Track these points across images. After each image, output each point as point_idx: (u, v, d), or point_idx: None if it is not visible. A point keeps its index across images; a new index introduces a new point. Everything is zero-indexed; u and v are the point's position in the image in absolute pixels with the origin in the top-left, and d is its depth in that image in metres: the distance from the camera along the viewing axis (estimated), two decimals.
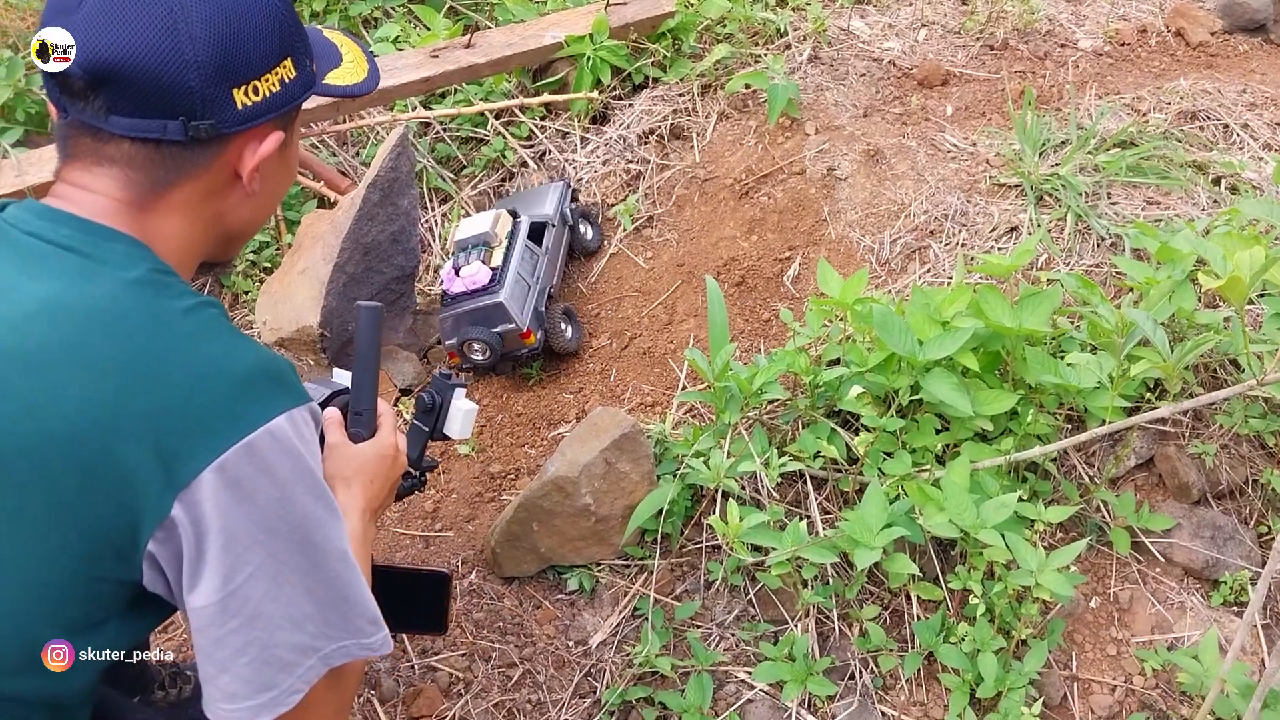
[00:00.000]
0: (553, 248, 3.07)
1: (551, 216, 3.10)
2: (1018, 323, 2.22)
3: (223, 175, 1.32)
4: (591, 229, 3.27)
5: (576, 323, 3.04)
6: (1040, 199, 2.93)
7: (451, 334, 2.87)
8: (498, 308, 2.79)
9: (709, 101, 3.48)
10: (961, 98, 3.49)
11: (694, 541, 2.42)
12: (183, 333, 1.19)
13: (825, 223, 2.98)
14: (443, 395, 2.10)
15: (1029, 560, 2.04)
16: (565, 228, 3.15)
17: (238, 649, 1.21)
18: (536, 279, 2.95)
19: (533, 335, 2.84)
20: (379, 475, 1.64)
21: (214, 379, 1.17)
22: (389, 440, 1.68)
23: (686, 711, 2.13)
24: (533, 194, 3.24)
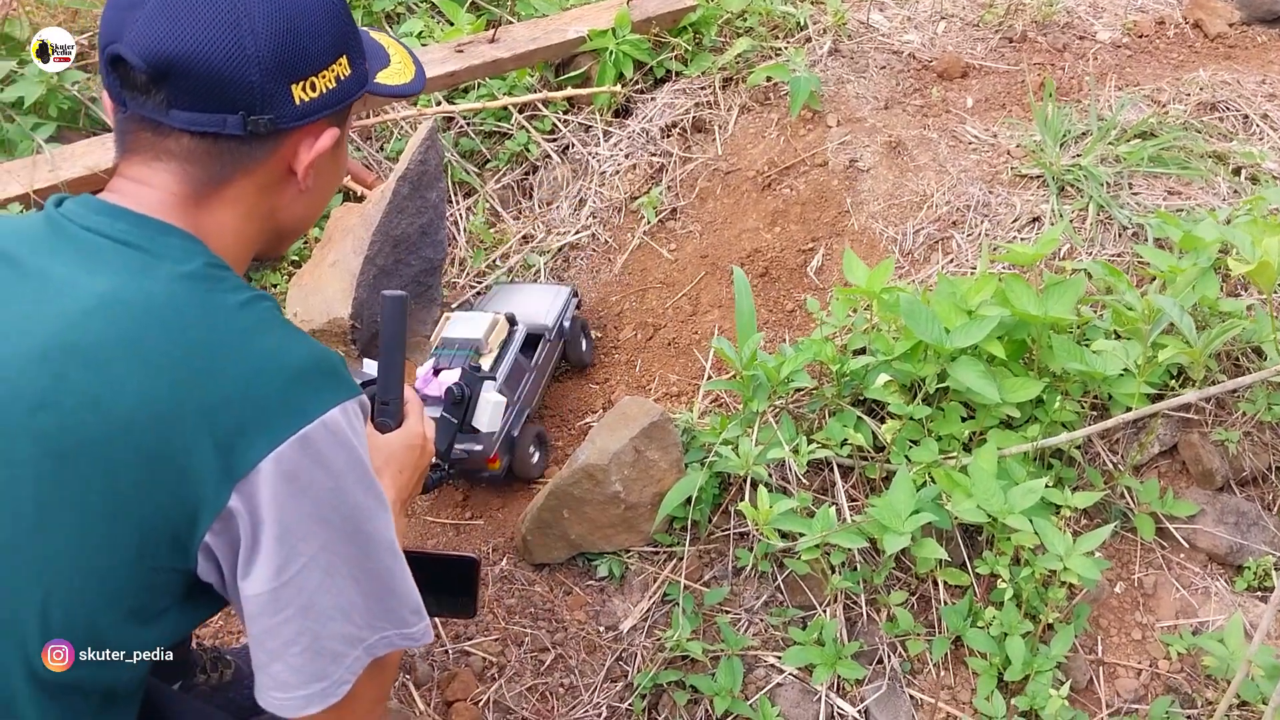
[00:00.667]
0: (544, 363, 2.82)
1: (551, 328, 2.86)
2: (1043, 311, 2.24)
3: (278, 171, 1.33)
4: (587, 342, 3.03)
5: (546, 448, 2.77)
6: (1062, 189, 2.95)
7: None
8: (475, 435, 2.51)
9: (730, 94, 3.51)
10: (981, 90, 3.51)
11: (722, 528, 2.45)
12: (238, 327, 1.21)
13: (848, 214, 3.00)
14: (472, 388, 2.11)
15: (1057, 545, 2.06)
16: (561, 342, 2.92)
17: (290, 638, 1.23)
18: (518, 399, 2.67)
19: (498, 462, 2.55)
20: (407, 465, 1.65)
21: (269, 373, 1.19)
22: (417, 429, 1.68)
23: (718, 694, 2.16)
24: (535, 293, 2.99)
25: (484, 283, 3.31)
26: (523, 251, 3.36)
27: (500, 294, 3.05)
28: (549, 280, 3.29)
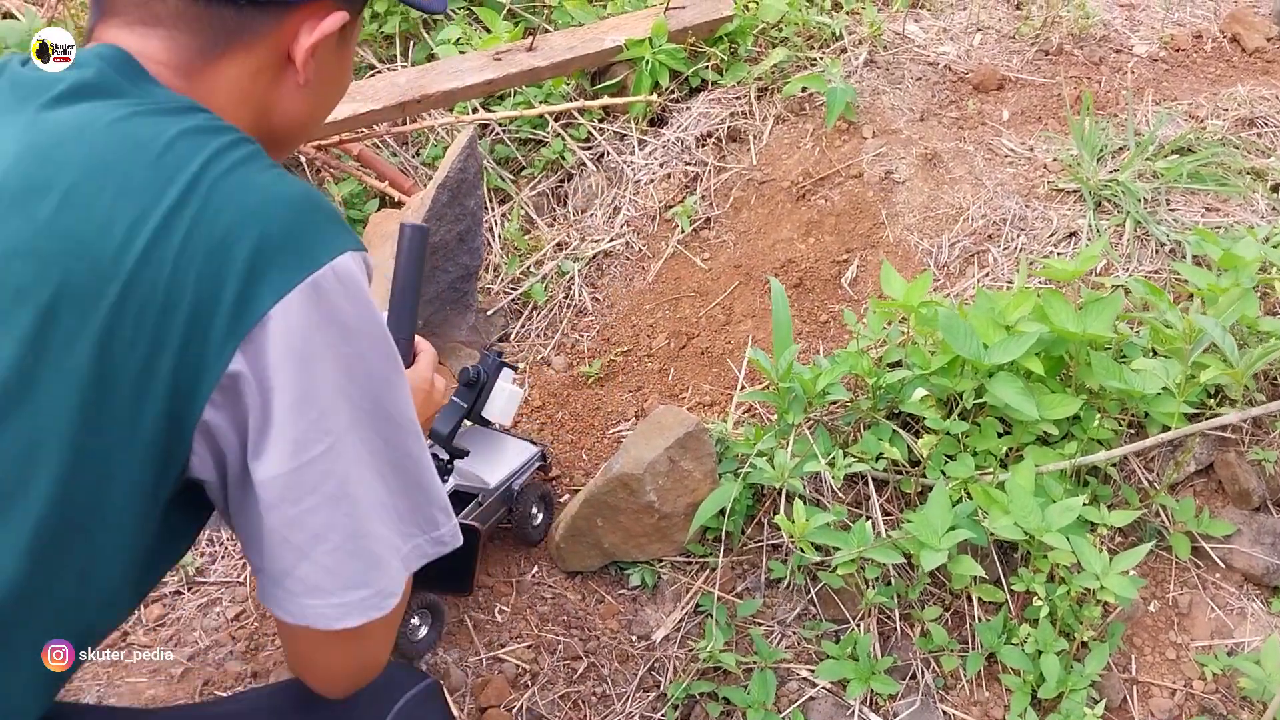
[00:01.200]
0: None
1: (491, 489, 2.40)
2: (1082, 328, 2.24)
3: (275, 55, 1.16)
4: (544, 515, 2.57)
5: (439, 621, 2.30)
6: (1099, 205, 2.95)
7: None
8: None
9: (766, 104, 3.52)
10: (1017, 103, 3.51)
11: (755, 540, 2.46)
12: (231, 160, 1.03)
13: (883, 225, 3.00)
14: (489, 373, 1.91)
15: (1093, 563, 2.06)
16: (505, 507, 2.46)
17: (317, 532, 1.05)
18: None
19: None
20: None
21: (272, 205, 1.01)
22: (425, 374, 1.55)
23: (750, 707, 2.16)
24: (493, 442, 2.55)
25: (518, 289, 3.33)
26: (556, 259, 3.38)
27: (466, 435, 2.58)
28: (582, 288, 3.30)
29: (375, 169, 3.46)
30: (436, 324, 3.07)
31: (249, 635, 2.45)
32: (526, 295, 3.31)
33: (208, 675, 2.32)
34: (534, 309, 3.30)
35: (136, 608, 1.19)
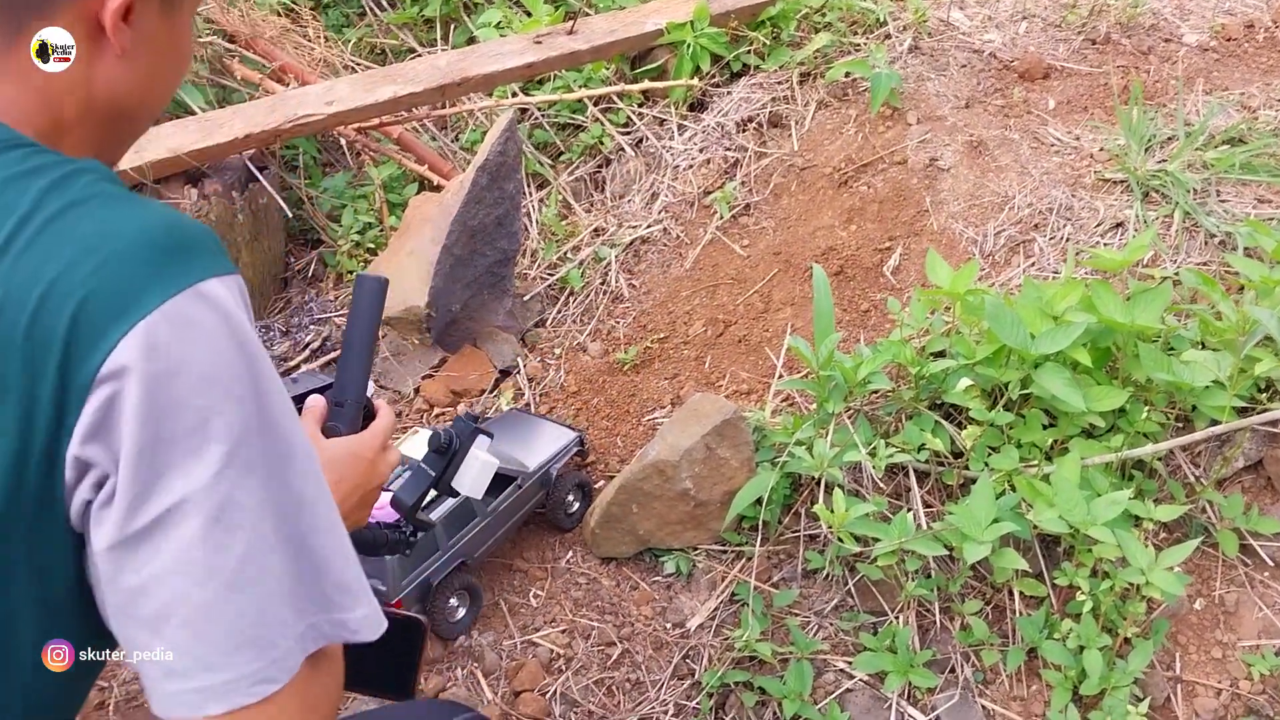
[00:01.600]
0: (505, 512, 2.43)
1: (529, 473, 2.46)
2: (1130, 319, 2.20)
3: (85, 22, 0.99)
4: (580, 503, 2.59)
5: (476, 603, 2.37)
6: (1146, 195, 2.89)
7: None
8: (379, 561, 2.17)
9: (808, 90, 3.48)
10: (1064, 91, 3.45)
11: (792, 530, 2.43)
12: (66, 200, 0.90)
13: (927, 213, 2.96)
14: (463, 439, 1.74)
15: (1139, 558, 2.02)
16: (542, 491, 2.52)
17: (166, 604, 0.88)
18: (452, 546, 2.30)
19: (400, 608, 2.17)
20: (348, 477, 1.36)
21: (118, 240, 0.88)
22: (371, 441, 1.41)
23: (787, 697, 2.14)
24: (531, 428, 2.65)
25: (555, 274, 3.31)
26: (594, 244, 3.36)
27: (502, 420, 2.73)
28: (619, 274, 3.28)
29: (415, 152, 3.46)
30: (474, 309, 3.06)
31: None
32: (563, 281, 3.30)
33: None
34: (570, 295, 3.28)
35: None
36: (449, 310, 2.93)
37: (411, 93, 3.16)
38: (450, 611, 2.31)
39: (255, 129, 3.05)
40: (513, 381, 3.02)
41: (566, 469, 2.56)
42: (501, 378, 3.04)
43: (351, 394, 1.41)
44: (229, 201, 3.09)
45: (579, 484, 2.58)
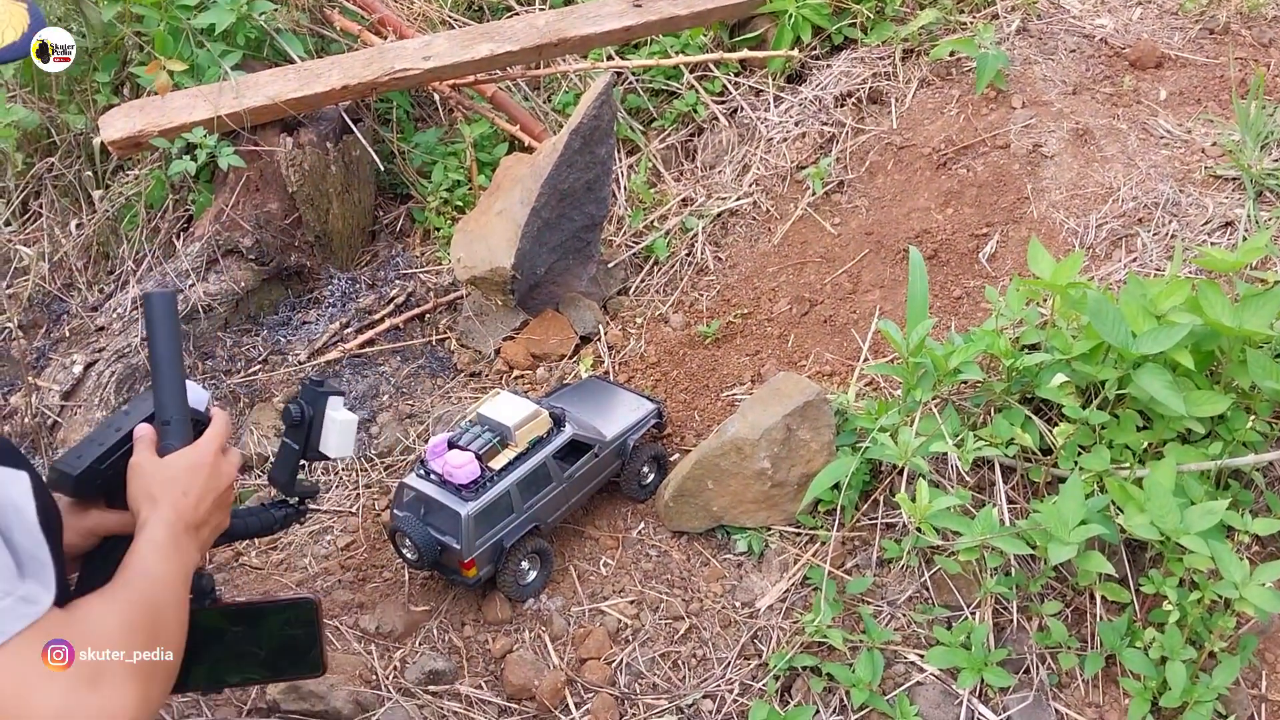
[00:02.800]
0: (582, 479, 2.45)
1: (607, 442, 2.48)
2: (1238, 323, 2.11)
3: None
4: (655, 475, 2.59)
5: (547, 568, 2.40)
6: (1260, 194, 2.78)
7: (398, 507, 2.34)
8: (454, 519, 2.22)
9: (910, 67, 3.39)
10: (1177, 82, 3.32)
11: (869, 517, 2.39)
12: None
13: (1027, 200, 2.88)
14: (314, 406, 1.79)
15: (1233, 572, 1.95)
16: (618, 461, 2.53)
17: None
18: (529, 508, 2.33)
19: (474, 569, 2.25)
20: (193, 488, 1.48)
21: None
22: (206, 449, 1.52)
23: (855, 686, 2.11)
24: (611, 397, 2.67)
25: (640, 243, 3.29)
26: (681, 214, 3.32)
27: (582, 386, 2.76)
28: (705, 246, 3.24)
29: (508, 112, 3.44)
30: (558, 273, 3.05)
31: (358, 565, 2.48)
32: (648, 250, 3.27)
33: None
34: (655, 264, 3.26)
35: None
36: (534, 273, 2.93)
37: (508, 51, 3.14)
38: (521, 574, 2.34)
39: (352, 80, 3.05)
40: (593, 348, 3.00)
41: (643, 440, 2.54)
42: (582, 344, 3.03)
43: (173, 411, 1.49)
44: (322, 152, 3.11)
45: (655, 456, 2.57)
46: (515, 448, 2.32)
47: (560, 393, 2.72)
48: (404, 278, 3.29)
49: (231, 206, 3.09)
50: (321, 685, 2.10)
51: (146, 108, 2.99)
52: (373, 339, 3.12)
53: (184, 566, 1.43)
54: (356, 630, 2.27)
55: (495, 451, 2.30)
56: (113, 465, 1.53)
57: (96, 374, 2.87)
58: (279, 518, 1.81)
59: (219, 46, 3.13)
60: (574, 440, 2.40)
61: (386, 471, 2.76)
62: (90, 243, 3.22)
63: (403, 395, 2.99)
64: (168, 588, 1.38)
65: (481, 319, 3.05)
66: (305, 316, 3.21)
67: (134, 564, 1.37)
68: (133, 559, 1.38)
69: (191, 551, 1.46)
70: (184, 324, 3.00)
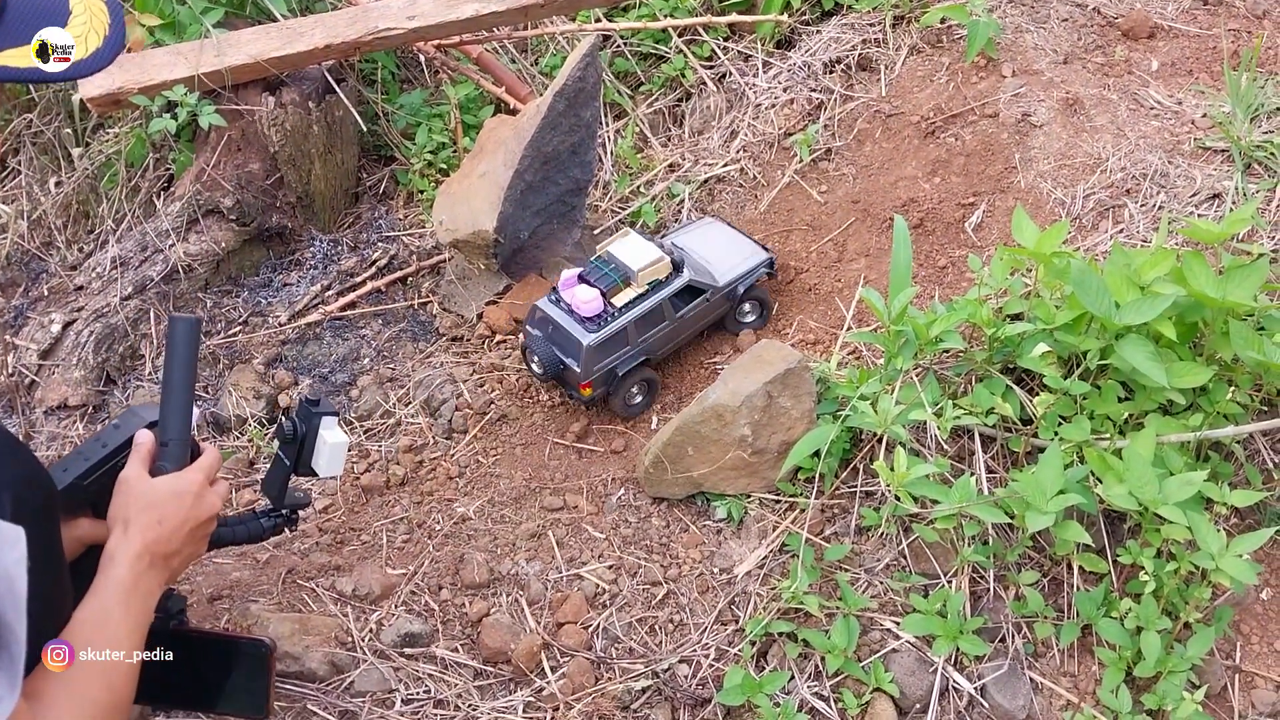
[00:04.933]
0: (692, 319, 2.74)
1: (719, 288, 2.75)
2: (1222, 294, 2.10)
3: None
4: (756, 315, 2.88)
5: (652, 393, 2.73)
6: (1248, 166, 2.76)
7: (530, 325, 2.65)
8: (576, 346, 2.55)
9: (901, 34, 3.36)
10: (1169, 53, 3.29)
11: (848, 485, 2.38)
12: None
13: (1015, 170, 2.86)
14: (307, 424, 1.85)
15: (1210, 543, 1.95)
16: (726, 304, 2.81)
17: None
18: (642, 342, 2.64)
19: (590, 389, 2.59)
20: (171, 516, 1.49)
21: None
22: (193, 478, 1.54)
23: (831, 652, 2.11)
24: (731, 244, 2.88)
25: (627, 208, 3.26)
26: (668, 180, 3.30)
27: (704, 226, 2.97)
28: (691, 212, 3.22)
29: (494, 74, 3.40)
30: (542, 237, 3.02)
31: (335, 528, 2.47)
32: (635, 215, 3.25)
33: (293, 564, 2.34)
34: (643, 230, 3.23)
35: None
36: (517, 237, 2.90)
37: (494, 11, 3.10)
38: (630, 397, 2.69)
39: (336, 39, 3.01)
40: None
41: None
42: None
43: (175, 434, 1.52)
44: (305, 112, 3.07)
45: (758, 297, 2.83)
46: (636, 287, 2.61)
47: (683, 231, 2.93)
48: (387, 240, 3.26)
49: (213, 166, 3.06)
50: (297, 647, 2.09)
51: (126, 64, 2.95)
52: (354, 302, 3.10)
53: (143, 611, 1.45)
54: (333, 592, 2.27)
55: (618, 289, 2.61)
56: (99, 480, 1.57)
57: (75, 333, 2.84)
58: (267, 527, 1.88)
59: (200, 3, 3.08)
60: (689, 285, 2.67)
61: (366, 436, 2.75)
62: (70, 201, 3.19)
63: (384, 359, 2.97)
64: (124, 646, 1.40)
65: (464, 283, 3.02)
66: (286, 278, 3.18)
67: (93, 618, 1.38)
68: (94, 605, 1.39)
69: (156, 585, 1.48)
70: (163, 284, 2.98)
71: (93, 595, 1.41)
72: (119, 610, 1.40)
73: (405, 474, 2.62)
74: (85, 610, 1.39)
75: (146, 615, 1.46)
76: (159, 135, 2.97)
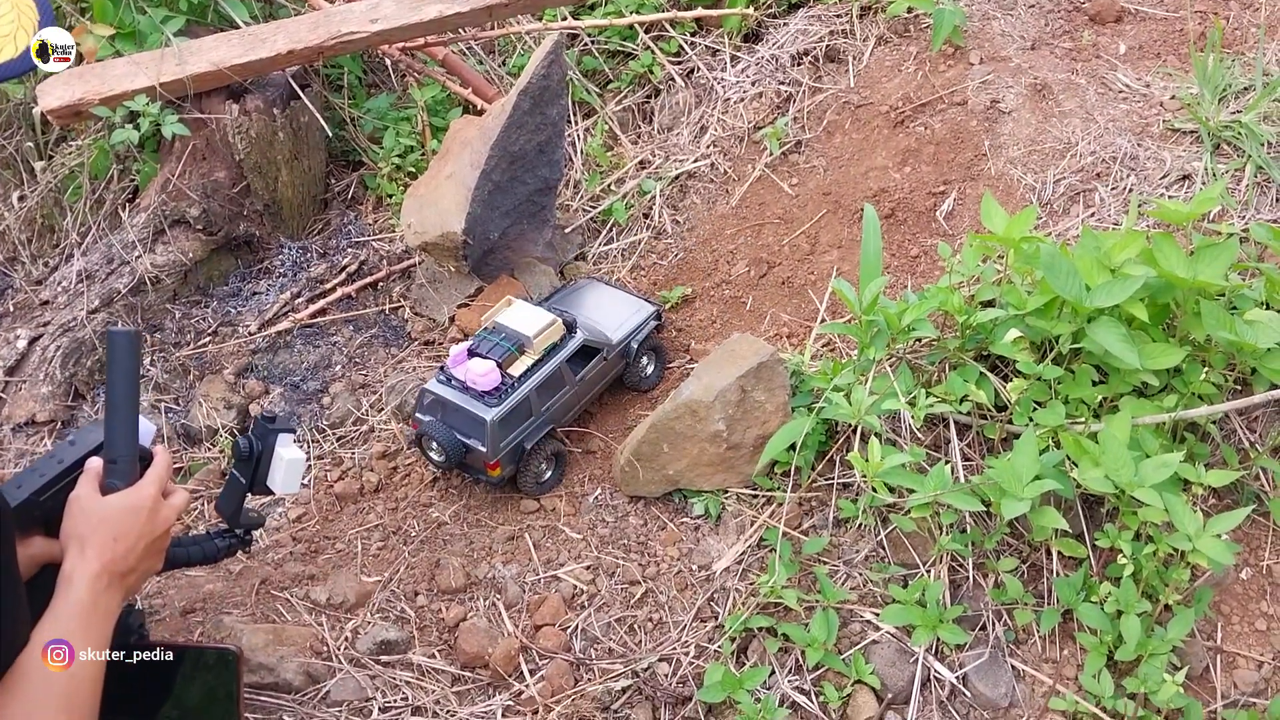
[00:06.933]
0: (591, 380, 2.63)
1: (613, 345, 2.66)
2: (1192, 274, 2.09)
3: None
4: (654, 366, 2.79)
5: (561, 466, 2.57)
6: (1217, 147, 2.76)
7: (423, 411, 2.48)
8: (478, 425, 2.38)
9: (868, 24, 3.35)
10: (1136, 36, 3.29)
11: (825, 477, 2.37)
12: None
13: (985, 157, 2.85)
14: (263, 442, 1.83)
15: (1187, 524, 1.94)
16: (622, 361, 2.71)
17: None
18: (545, 411, 2.50)
19: (499, 469, 2.42)
20: (126, 533, 1.48)
21: None
22: (146, 492, 1.52)
23: (810, 645, 2.10)
24: (616, 301, 2.80)
25: (598, 206, 3.24)
26: (639, 178, 3.28)
27: (583, 288, 2.86)
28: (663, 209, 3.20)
29: (460, 75, 3.38)
30: (513, 238, 3.00)
31: (309, 537, 2.45)
32: (606, 213, 3.23)
33: (266, 574, 2.31)
34: (614, 228, 3.22)
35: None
36: (487, 238, 2.88)
37: (458, 12, 3.07)
38: (540, 473, 2.52)
39: (298, 45, 2.98)
40: None
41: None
42: None
43: (122, 450, 1.50)
44: (270, 119, 3.04)
45: (653, 347, 2.77)
46: (532, 354, 2.49)
47: (564, 295, 2.85)
48: (356, 246, 3.24)
49: (178, 176, 3.03)
50: (271, 658, 2.07)
51: (86, 75, 2.91)
52: (325, 308, 3.07)
53: (104, 630, 1.44)
54: (307, 602, 2.24)
55: (514, 358, 2.47)
56: (53, 497, 1.54)
57: (41, 348, 2.81)
58: (222, 548, 1.85)
59: (161, 12, 3.05)
60: (584, 345, 2.58)
61: (339, 443, 2.72)
62: (33, 215, 3.15)
63: (355, 365, 2.95)
64: (85, 669, 1.38)
65: (435, 286, 3.00)
66: (256, 287, 3.15)
67: (54, 640, 1.37)
68: (54, 627, 1.38)
69: (114, 604, 1.47)
70: (131, 296, 2.94)
71: (52, 617, 1.39)
72: (79, 631, 1.38)
73: (379, 480, 2.60)
74: (45, 632, 1.37)
75: (107, 634, 1.44)
76: (122, 146, 2.93)
